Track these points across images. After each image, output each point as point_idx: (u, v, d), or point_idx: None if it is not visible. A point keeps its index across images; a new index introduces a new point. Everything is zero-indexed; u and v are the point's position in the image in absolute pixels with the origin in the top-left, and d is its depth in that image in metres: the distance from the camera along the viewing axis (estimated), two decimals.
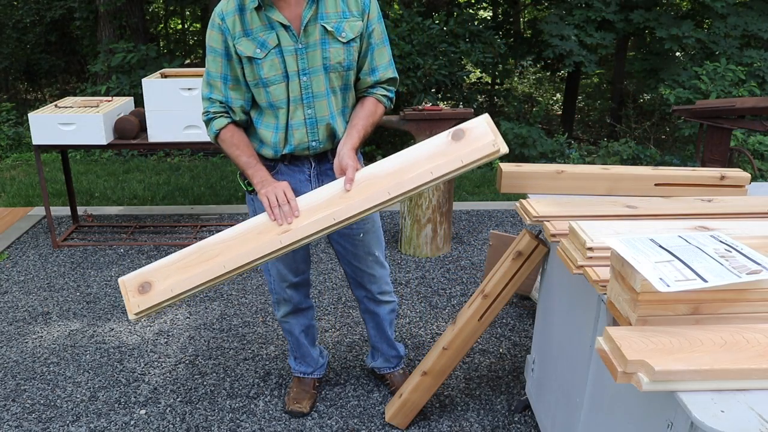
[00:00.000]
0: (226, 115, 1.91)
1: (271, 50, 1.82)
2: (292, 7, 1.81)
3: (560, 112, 10.10)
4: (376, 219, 2.16)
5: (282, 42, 1.82)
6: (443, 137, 1.80)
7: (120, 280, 1.84)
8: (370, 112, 1.97)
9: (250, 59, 1.83)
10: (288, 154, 1.97)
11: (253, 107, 1.96)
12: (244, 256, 1.76)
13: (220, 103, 1.89)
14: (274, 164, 2.00)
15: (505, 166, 2.14)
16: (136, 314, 1.79)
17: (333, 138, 1.97)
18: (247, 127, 1.97)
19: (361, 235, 2.11)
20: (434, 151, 1.79)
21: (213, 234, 1.92)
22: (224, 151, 1.94)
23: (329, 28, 1.83)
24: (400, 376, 2.43)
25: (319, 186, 1.92)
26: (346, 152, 1.86)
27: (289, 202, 1.79)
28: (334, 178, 1.90)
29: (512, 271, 2.00)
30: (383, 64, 1.96)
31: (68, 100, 3.98)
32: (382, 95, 1.99)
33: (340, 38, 1.85)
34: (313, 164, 2.00)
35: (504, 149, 1.78)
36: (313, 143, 1.95)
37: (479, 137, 1.78)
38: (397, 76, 2.01)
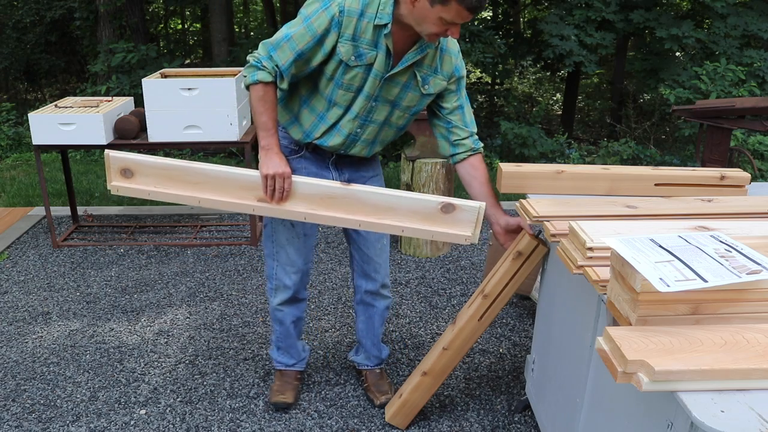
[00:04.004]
0: (274, 77, 1.87)
1: (364, 65, 1.85)
2: (401, 44, 1.86)
3: (560, 112, 10.10)
4: None
5: (376, 64, 1.85)
6: (434, 202, 1.91)
7: (107, 152, 1.98)
8: (488, 176, 2.08)
9: (342, 62, 1.85)
10: (314, 144, 2.03)
11: (306, 87, 1.96)
12: (217, 203, 1.97)
13: (276, 66, 1.85)
14: (299, 149, 2.07)
15: (505, 166, 2.14)
16: (114, 191, 2.02)
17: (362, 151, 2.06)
18: (281, 91, 1.95)
19: None
20: (418, 209, 1.91)
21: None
22: (250, 101, 1.93)
23: (418, 77, 1.91)
24: (375, 375, 2.44)
25: (337, 173, 2.10)
26: (505, 219, 2.05)
27: (284, 190, 1.90)
28: (350, 167, 2.09)
29: (512, 271, 2.00)
30: (471, 118, 2.07)
31: (68, 100, 3.98)
32: (482, 147, 2.09)
33: (422, 89, 1.93)
34: (334, 156, 2.07)
35: (474, 241, 1.95)
36: (342, 151, 2.03)
37: (461, 222, 1.92)
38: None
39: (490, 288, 2.02)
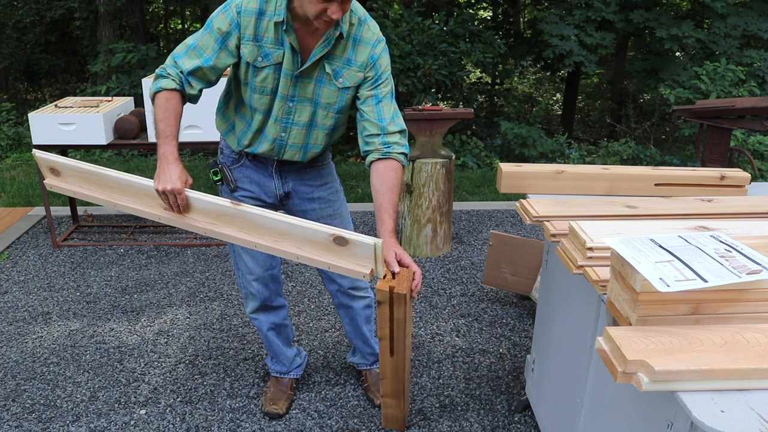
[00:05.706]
0: (179, 85, 1.84)
1: (272, 65, 1.83)
2: (308, 38, 1.82)
3: (560, 112, 10.10)
4: (344, 212, 2.18)
5: (285, 63, 1.83)
6: (325, 234, 1.70)
7: (34, 152, 2.01)
8: (394, 184, 1.86)
9: (249, 64, 1.84)
10: (251, 153, 2.02)
11: (237, 96, 1.96)
12: (131, 209, 1.94)
13: (181, 72, 1.84)
14: (239, 157, 2.05)
15: (505, 166, 2.14)
16: (48, 188, 2.04)
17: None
18: (196, 98, 1.91)
19: None
20: (312, 238, 1.73)
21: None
22: (153, 110, 1.87)
23: (328, 70, 1.86)
24: (375, 375, 2.43)
25: (281, 181, 2.06)
26: (394, 243, 1.79)
27: (179, 205, 1.81)
28: (294, 174, 2.04)
29: (386, 316, 1.82)
30: (390, 115, 1.91)
31: (68, 100, 3.98)
32: (399, 153, 1.89)
33: (336, 83, 1.87)
34: (275, 162, 2.04)
35: (380, 276, 1.72)
36: (275, 156, 2.00)
37: (359, 257, 1.69)
38: (406, 128, 1.94)
39: (380, 332, 1.90)
